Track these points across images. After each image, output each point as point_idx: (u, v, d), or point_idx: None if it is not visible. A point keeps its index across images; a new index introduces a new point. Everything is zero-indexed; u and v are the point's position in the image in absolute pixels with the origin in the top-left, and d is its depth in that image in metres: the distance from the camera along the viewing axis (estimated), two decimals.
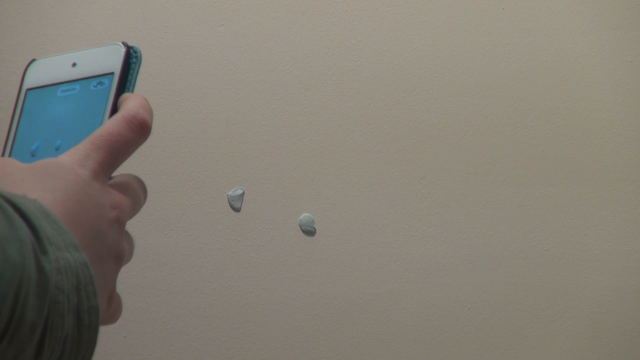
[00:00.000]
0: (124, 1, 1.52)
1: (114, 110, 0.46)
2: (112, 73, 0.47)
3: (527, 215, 1.64)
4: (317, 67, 1.58)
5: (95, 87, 0.47)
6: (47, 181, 0.40)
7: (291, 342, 1.57)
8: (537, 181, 1.65)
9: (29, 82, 0.50)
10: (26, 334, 0.33)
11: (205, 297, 1.52)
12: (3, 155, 0.48)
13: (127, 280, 1.48)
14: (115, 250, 0.42)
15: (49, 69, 0.49)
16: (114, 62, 0.47)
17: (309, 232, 1.57)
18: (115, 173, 0.45)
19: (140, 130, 0.44)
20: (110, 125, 0.43)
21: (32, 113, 0.49)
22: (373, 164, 1.60)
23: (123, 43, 0.48)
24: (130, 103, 0.45)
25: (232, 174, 1.55)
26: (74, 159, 0.41)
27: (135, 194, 0.45)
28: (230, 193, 1.54)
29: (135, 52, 0.48)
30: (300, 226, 1.57)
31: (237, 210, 1.55)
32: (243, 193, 1.55)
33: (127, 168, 0.45)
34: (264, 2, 1.57)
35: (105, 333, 0.46)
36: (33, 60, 0.50)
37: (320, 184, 1.58)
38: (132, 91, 0.47)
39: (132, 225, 0.44)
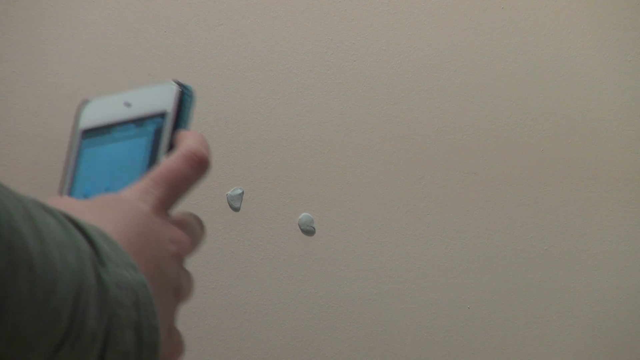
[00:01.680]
0: (123, 1, 1.53)
1: (170, 149, 0.46)
2: (166, 112, 0.47)
3: (527, 215, 1.64)
4: (317, 67, 1.59)
5: (151, 127, 0.47)
6: (107, 213, 0.39)
7: (290, 341, 1.57)
8: (537, 181, 1.65)
9: (84, 123, 0.50)
10: (87, 342, 0.32)
11: (204, 297, 1.52)
12: (61, 194, 0.49)
13: None
14: (175, 284, 0.42)
15: (102, 109, 0.50)
16: (168, 101, 0.48)
17: (309, 231, 1.57)
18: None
19: (199, 166, 0.44)
20: (170, 162, 0.43)
21: (89, 154, 0.49)
22: (372, 164, 1.60)
23: (175, 81, 0.48)
24: (189, 140, 0.45)
25: (232, 174, 1.55)
26: (134, 194, 0.41)
27: (194, 231, 0.45)
28: (229, 193, 1.55)
29: (187, 90, 0.48)
30: (299, 226, 1.57)
31: (236, 209, 1.55)
32: (242, 193, 1.55)
33: None
34: (263, 2, 1.57)
35: None
36: (86, 100, 0.51)
37: (319, 184, 1.58)
38: (188, 129, 0.48)
39: None
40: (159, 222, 0.41)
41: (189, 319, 1.52)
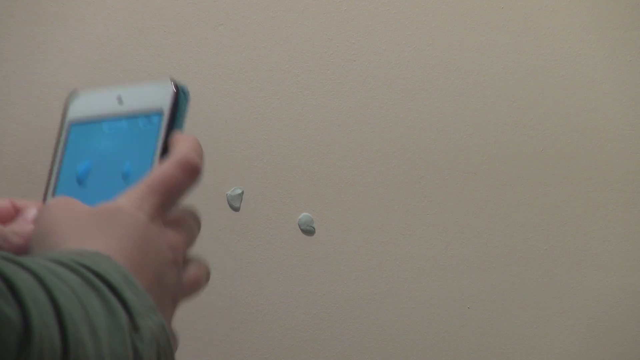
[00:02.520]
0: (123, 1, 1.53)
1: (164, 149, 0.46)
2: (161, 111, 0.47)
3: (527, 215, 1.64)
4: (316, 67, 1.59)
5: (144, 125, 0.47)
6: (112, 229, 0.41)
7: (290, 341, 1.57)
8: (537, 180, 1.65)
9: (72, 115, 0.49)
10: None
11: (203, 297, 1.52)
12: (48, 185, 0.49)
13: None
14: (173, 291, 0.43)
15: (93, 103, 0.49)
16: (162, 99, 0.47)
17: (308, 231, 1.57)
18: None
19: (192, 174, 0.45)
20: (165, 168, 0.44)
21: (77, 147, 0.48)
22: (372, 164, 1.60)
23: (172, 80, 0.48)
24: (183, 145, 0.46)
25: (231, 174, 1.55)
26: (132, 203, 0.42)
27: (189, 228, 0.46)
28: (229, 192, 1.55)
29: (183, 91, 0.48)
30: (299, 225, 1.57)
31: (236, 209, 1.55)
32: (242, 192, 1.55)
33: None
34: (263, 2, 1.57)
35: None
36: (75, 92, 0.50)
37: (319, 184, 1.58)
38: (183, 130, 0.47)
39: None
40: (156, 230, 0.42)
41: (189, 318, 1.52)
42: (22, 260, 0.33)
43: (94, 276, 0.35)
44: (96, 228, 0.41)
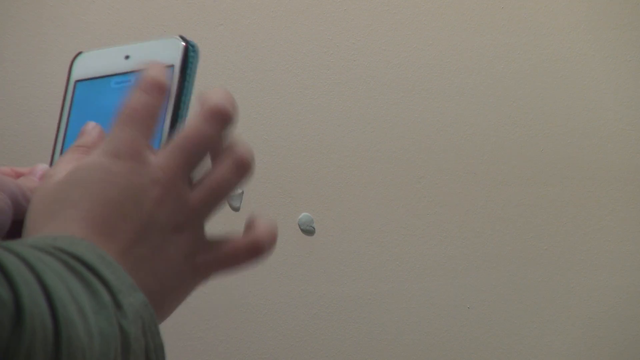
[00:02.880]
0: (123, 1, 1.53)
1: (177, 105, 0.43)
2: (171, 66, 0.44)
3: (526, 215, 1.64)
4: (316, 67, 1.59)
5: None
6: (71, 194, 0.38)
7: (290, 341, 1.57)
8: (536, 180, 1.65)
9: (77, 73, 0.47)
10: None
11: (203, 297, 1.52)
12: (55, 145, 0.47)
13: None
14: (172, 223, 0.39)
15: (99, 61, 0.46)
16: (172, 55, 0.45)
17: (308, 231, 1.57)
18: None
19: (222, 120, 0.41)
20: (137, 97, 0.40)
21: (84, 104, 0.46)
22: (372, 164, 1.60)
23: (181, 37, 0.46)
24: (209, 95, 0.42)
25: None
26: (105, 152, 0.39)
27: (182, 145, 0.40)
28: None
29: (193, 46, 0.46)
30: (299, 225, 1.57)
31: (236, 209, 1.55)
32: (242, 192, 1.55)
33: None
34: (263, 2, 1.57)
35: None
36: (80, 52, 0.47)
37: (319, 184, 1.58)
38: (192, 87, 0.45)
39: None
40: (132, 173, 0.39)
41: (189, 318, 1.52)
42: (6, 244, 0.33)
43: (71, 258, 0.35)
44: (57, 202, 0.38)
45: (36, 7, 1.51)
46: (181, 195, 0.40)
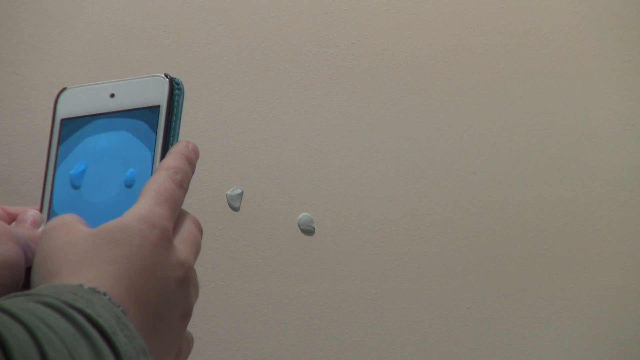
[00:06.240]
0: (123, 1, 1.53)
1: (165, 147, 0.44)
2: (158, 106, 0.45)
3: (526, 215, 1.64)
4: (316, 67, 1.59)
5: (141, 121, 0.45)
6: (111, 251, 0.40)
7: (290, 341, 1.57)
8: (536, 180, 1.65)
9: (63, 111, 0.47)
10: None
11: (203, 297, 1.52)
12: (44, 186, 0.47)
13: None
14: (184, 309, 0.42)
15: (84, 99, 0.47)
16: (157, 94, 0.45)
17: (308, 231, 1.57)
18: None
19: (183, 189, 0.44)
20: (163, 181, 0.43)
21: (70, 145, 0.47)
22: (372, 164, 1.60)
23: (165, 75, 0.46)
24: (172, 159, 0.45)
25: (231, 174, 1.55)
26: (142, 219, 0.41)
27: (197, 241, 0.45)
28: (229, 192, 1.55)
29: (178, 84, 0.46)
30: (299, 225, 1.57)
31: (236, 209, 1.55)
32: (242, 192, 1.55)
33: None
34: (263, 2, 1.57)
35: None
36: (64, 88, 0.48)
37: (319, 184, 1.58)
38: (179, 125, 0.46)
39: None
40: (164, 247, 0.41)
41: None
42: (13, 309, 0.33)
43: (86, 321, 0.35)
44: (92, 254, 0.39)
45: (36, 7, 1.51)
46: (195, 284, 0.44)
